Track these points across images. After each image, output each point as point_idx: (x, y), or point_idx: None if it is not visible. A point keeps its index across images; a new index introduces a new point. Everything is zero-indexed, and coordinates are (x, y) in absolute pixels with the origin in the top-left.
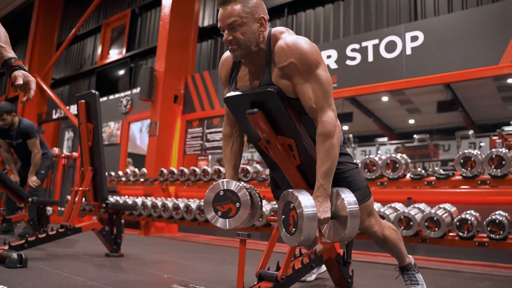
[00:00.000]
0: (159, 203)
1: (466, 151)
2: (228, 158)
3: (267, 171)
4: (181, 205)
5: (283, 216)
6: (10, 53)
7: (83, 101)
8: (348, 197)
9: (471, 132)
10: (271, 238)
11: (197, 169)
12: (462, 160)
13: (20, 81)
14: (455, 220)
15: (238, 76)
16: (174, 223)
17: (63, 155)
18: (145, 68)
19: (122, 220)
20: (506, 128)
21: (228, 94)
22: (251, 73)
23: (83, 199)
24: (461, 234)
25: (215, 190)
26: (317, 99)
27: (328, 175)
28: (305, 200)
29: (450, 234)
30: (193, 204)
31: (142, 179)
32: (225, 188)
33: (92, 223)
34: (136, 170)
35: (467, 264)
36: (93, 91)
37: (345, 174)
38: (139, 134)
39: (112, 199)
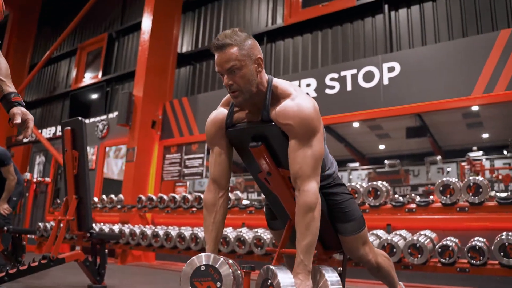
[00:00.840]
0: (137, 231)
1: (445, 179)
2: (209, 229)
3: (246, 200)
4: (161, 232)
5: None
6: (10, 88)
7: (69, 128)
8: (331, 277)
9: (439, 157)
10: None
11: (176, 196)
12: (441, 188)
13: (18, 120)
14: (437, 246)
15: (235, 119)
16: (153, 251)
17: (34, 180)
18: (123, 93)
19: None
20: (471, 154)
21: (234, 127)
22: (251, 112)
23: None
24: (443, 260)
25: (195, 264)
26: (304, 166)
27: (309, 251)
28: (284, 278)
29: (432, 260)
30: (173, 231)
31: (119, 206)
32: (208, 263)
33: (75, 253)
34: (113, 196)
35: None
36: (80, 118)
37: (342, 205)
38: (106, 159)
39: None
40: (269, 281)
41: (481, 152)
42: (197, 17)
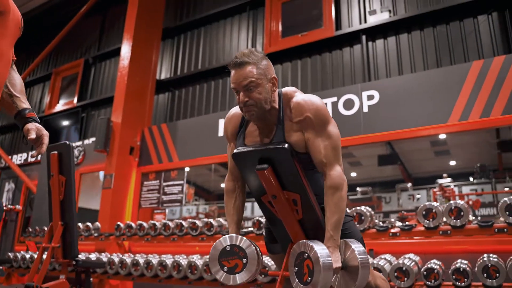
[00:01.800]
0: (116, 259)
1: (427, 203)
2: (231, 213)
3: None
4: (141, 260)
5: (295, 268)
6: (25, 104)
7: (56, 152)
8: (358, 247)
9: (409, 184)
10: None
11: (157, 223)
12: (424, 212)
13: (33, 135)
14: (422, 269)
15: (247, 132)
16: (132, 280)
17: (4, 208)
18: (101, 119)
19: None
20: (441, 181)
21: (239, 150)
22: (261, 130)
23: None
24: (429, 283)
25: (221, 245)
26: (327, 153)
27: (337, 226)
28: (321, 250)
29: (418, 283)
30: (154, 259)
31: (95, 234)
32: (232, 243)
33: (59, 282)
34: (89, 224)
35: None
36: (67, 142)
37: (344, 227)
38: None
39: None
40: (306, 254)
41: (449, 179)
42: (176, 44)
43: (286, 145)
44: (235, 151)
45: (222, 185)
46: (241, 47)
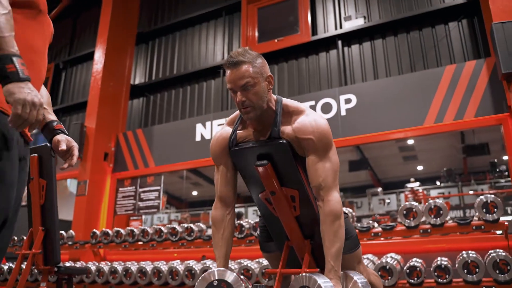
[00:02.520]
0: (93, 267)
1: (407, 203)
2: (219, 245)
3: (210, 230)
4: (119, 268)
5: None
6: (52, 116)
7: (36, 155)
8: (360, 279)
9: (379, 189)
10: None
11: (135, 229)
12: (405, 211)
13: (63, 147)
14: (405, 268)
15: (239, 137)
16: None
17: None
18: (75, 124)
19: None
20: (409, 185)
21: (238, 146)
22: (257, 130)
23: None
24: (411, 280)
25: (208, 279)
26: (326, 177)
27: (338, 256)
28: (324, 283)
29: (401, 281)
30: (133, 266)
31: (70, 242)
32: (220, 278)
33: None
34: (63, 232)
35: None
36: (48, 144)
37: None
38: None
39: None
40: None
41: (417, 183)
42: (150, 49)
43: (285, 141)
44: (233, 149)
45: (194, 193)
46: (217, 52)
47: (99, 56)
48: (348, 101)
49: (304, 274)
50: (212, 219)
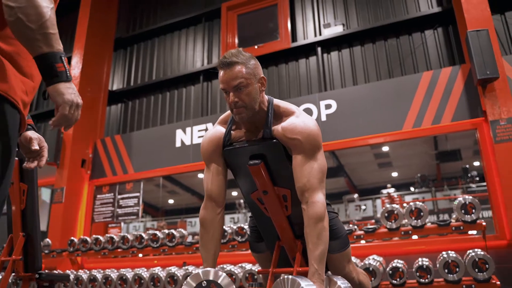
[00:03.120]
0: (71, 276)
1: (388, 205)
2: (207, 247)
3: (191, 237)
4: (99, 276)
5: None
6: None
7: (16, 159)
8: (343, 284)
9: (355, 195)
10: None
11: (114, 236)
12: (386, 214)
13: (36, 146)
14: (387, 269)
15: (233, 137)
16: None
17: None
18: (51, 131)
19: None
20: (384, 191)
21: (232, 146)
22: (250, 131)
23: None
24: (394, 281)
25: (198, 279)
26: (311, 178)
27: (322, 259)
28: (307, 286)
29: (383, 283)
30: (113, 274)
31: (46, 251)
32: (210, 278)
33: None
34: None
35: None
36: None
37: (330, 223)
38: None
39: None
40: None
41: (392, 189)
42: (129, 55)
43: (278, 141)
44: (226, 148)
45: (170, 201)
46: (197, 59)
47: (76, 61)
48: (328, 106)
49: (286, 276)
50: (201, 219)
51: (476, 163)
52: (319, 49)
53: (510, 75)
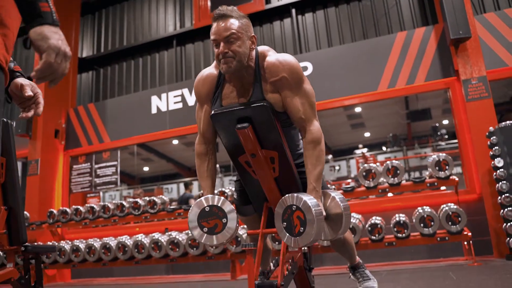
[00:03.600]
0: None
1: (366, 165)
2: (204, 176)
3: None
4: (81, 246)
5: (284, 224)
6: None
7: None
8: (338, 195)
9: (330, 156)
10: (257, 251)
11: (95, 206)
12: (364, 173)
13: (29, 93)
14: (366, 226)
15: (223, 94)
16: (73, 267)
17: None
18: (10, 103)
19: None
20: (358, 151)
21: (219, 110)
22: (238, 90)
23: None
24: (373, 237)
25: (200, 206)
26: (305, 110)
27: (319, 178)
28: (310, 199)
29: (363, 239)
30: (96, 243)
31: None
32: (211, 203)
33: (8, 271)
34: None
35: (382, 265)
36: (6, 119)
37: None
38: None
39: None
40: (294, 206)
41: (365, 149)
42: (97, 21)
43: (266, 103)
44: (213, 112)
45: (146, 169)
46: (169, 23)
47: None
48: (304, 68)
49: (290, 194)
50: (196, 152)
51: (445, 122)
52: (293, 10)
53: (481, 35)
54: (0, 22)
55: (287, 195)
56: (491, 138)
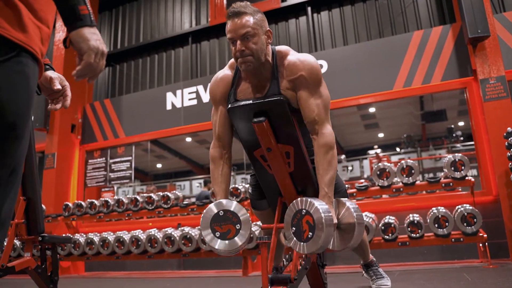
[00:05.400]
0: None
1: (380, 164)
2: (218, 181)
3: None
4: (96, 239)
5: (293, 229)
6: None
7: None
8: (352, 205)
9: (343, 156)
10: (271, 245)
11: (109, 200)
12: (378, 172)
13: (58, 86)
14: (380, 225)
15: (238, 91)
16: (87, 260)
17: None
18: (38, 96)
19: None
20: (371, 152)
21: (236, 104)
22: (254, 86)
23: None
24: (386, 237)
25: (214, 210)
26: (319, 112)
27: (331, 184)
28: (321, 205)
29: (375, 238)
30: (110, 236)
31: None
32: (225, 208)
33: (26, 260)
34: None
35: (395, 265)
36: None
37: None
38: None
39: None
40: (304, 211)
41: (379, 150)
42: (114, 17)
43: (283, 97)
44: (230, 105)
45: (159, 166)
46: (185, 20)
47: (61, 24)
48: (320, 66)
49: (300, 198)
50: (211, 156)
51: (461, 123)
52: (309, 8)
53: (500, 34)
54: (36, 15)
55: (298, 199)
56: (509, 139)
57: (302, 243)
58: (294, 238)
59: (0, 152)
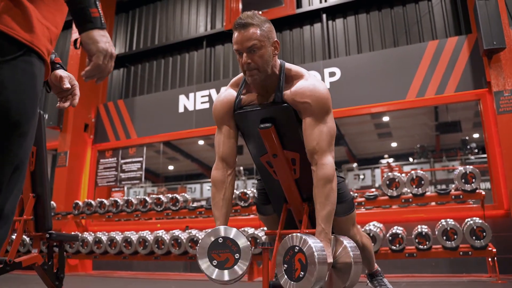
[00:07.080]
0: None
1: (390, 173)
2: (219, 205)
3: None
4: (104, 238)
5: (285, 266)
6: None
7: None
8: (349, 243)
9: (355, 165)
10: (274, 251)
11: (119, 200)
12: (388, 182)
13: (68, 85)
14: (387, 235)
15: (243, 101)
16: (95, 258)
17: None
18: (53, 94)
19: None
20: (383, 161)
21: (243, 109)
22: (261, 95)
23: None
24: (394, 247)
25: (213, 236)
26: (321, 141)
27: (329, 220)
28: (314, 242)
29: (383, 248)
30: (118, 236)
31: (51, 213)
32: (225, 235)
33: (33, 256)
34: None
35: (402, 276)
36: (38, 110)
37: (337, 187)
38: None
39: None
40: (297, 248)
41: (391, 159)
42: (131, 19)
43: (288, 105)
44: (237, 112)
45: (170, 167)
46: (200, 24)
47: None
48: (332, 74)
49: (295, 234)
50: (212, 179)
51: (476, 135)
52: (324, 15)
53: None
54: (44, 16)
55: (291, 235)
56: None
57: (292, 282)
58: (285, 277)
59: (4, 149)
